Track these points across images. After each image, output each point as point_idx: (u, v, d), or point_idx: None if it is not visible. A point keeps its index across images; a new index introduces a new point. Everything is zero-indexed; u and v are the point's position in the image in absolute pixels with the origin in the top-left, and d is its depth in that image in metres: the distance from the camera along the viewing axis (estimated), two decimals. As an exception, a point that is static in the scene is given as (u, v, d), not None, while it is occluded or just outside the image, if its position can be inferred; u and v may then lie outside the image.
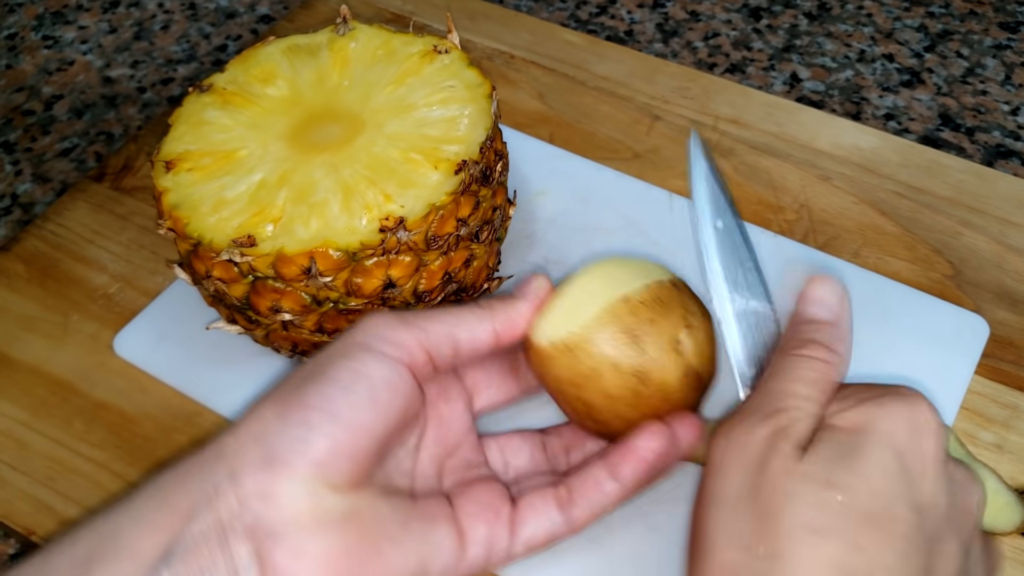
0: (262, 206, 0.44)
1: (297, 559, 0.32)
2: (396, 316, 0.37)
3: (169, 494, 0.33)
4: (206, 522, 0.32)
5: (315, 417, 0.34)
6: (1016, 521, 0.44)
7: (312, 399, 0.34)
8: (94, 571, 0.31)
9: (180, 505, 0.32)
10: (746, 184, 0.59)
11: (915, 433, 0.33)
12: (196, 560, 0.31)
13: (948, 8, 0.80)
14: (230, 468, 0.33)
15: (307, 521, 0.32)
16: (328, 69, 0.50)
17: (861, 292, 0.53)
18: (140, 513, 0.33)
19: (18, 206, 0.68)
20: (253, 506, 0.32)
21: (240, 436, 0.34)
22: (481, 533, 0.37)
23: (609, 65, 0.67)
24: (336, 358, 0.36)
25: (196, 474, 0.33)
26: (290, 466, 0.33)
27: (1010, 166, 0.67)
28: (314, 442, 0.33)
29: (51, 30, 0.82)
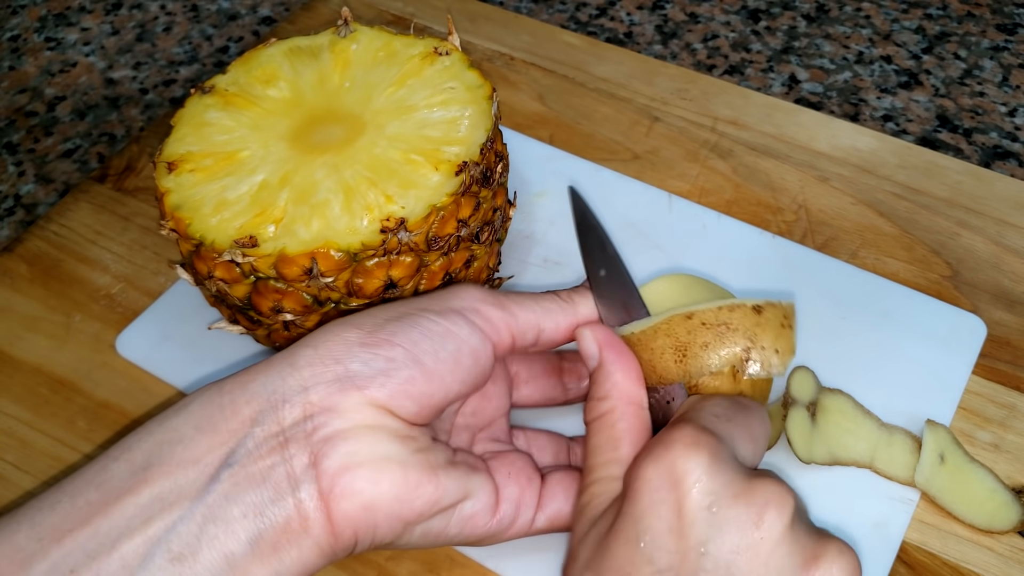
0: (264, 207, 0.44)
1: (350, 460, 0.32)
2: (491, 294, 0.38)
3: (232, 399, 0.33)
4: (269, 429, 0.32)
5: (401, 355, 0.34)
6: (1013, 520, 0.44)
7: (401, 339, 0.35)
8: (154, 477, 0.32)
9: (244, 411, 0.33)
10: (745, 185, 0.60)
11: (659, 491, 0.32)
12: (256, 466, 0.32)
13: (946, 10, 0.81)
14: (302, 380, 0.33)
15: (364, 431, 0.33)
16: (329, 71, 0.50)
17: (859, 292, 0.53)
18: (201, 419, 0.33)
19: (21, 207, 0.68)
20: (317, 417, 0.33)
21: (319, 351, 0.34)
22: (513, 493, 0.38)
23: (609, 67, 0.68)
24: (430, 313, 0.36)
25: (264, 380, 0.34)
26: (364, 390, 0.33)
27: (1007, 167, 0.67)
28: (395, 376, 0.34)
29: (54, 32, 0.83)
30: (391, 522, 0.34)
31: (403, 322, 0.35)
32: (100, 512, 0.31)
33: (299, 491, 0.32)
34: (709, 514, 0.31)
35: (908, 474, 0.45)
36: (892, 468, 0.45)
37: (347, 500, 0.32)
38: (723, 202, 0.59)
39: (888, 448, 0.46)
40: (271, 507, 0.32)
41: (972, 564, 0.44)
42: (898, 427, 0.46)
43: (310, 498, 0.32)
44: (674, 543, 0.31)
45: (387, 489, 0.33)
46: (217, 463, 0.32)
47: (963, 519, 0.45)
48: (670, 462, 0.32)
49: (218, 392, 0.34)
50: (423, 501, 0.34)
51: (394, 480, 0.33)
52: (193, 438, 0.32)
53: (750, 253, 0.55)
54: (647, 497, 0.32)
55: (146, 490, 0.31)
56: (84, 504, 0.32)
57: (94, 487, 0.32)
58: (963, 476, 0.45)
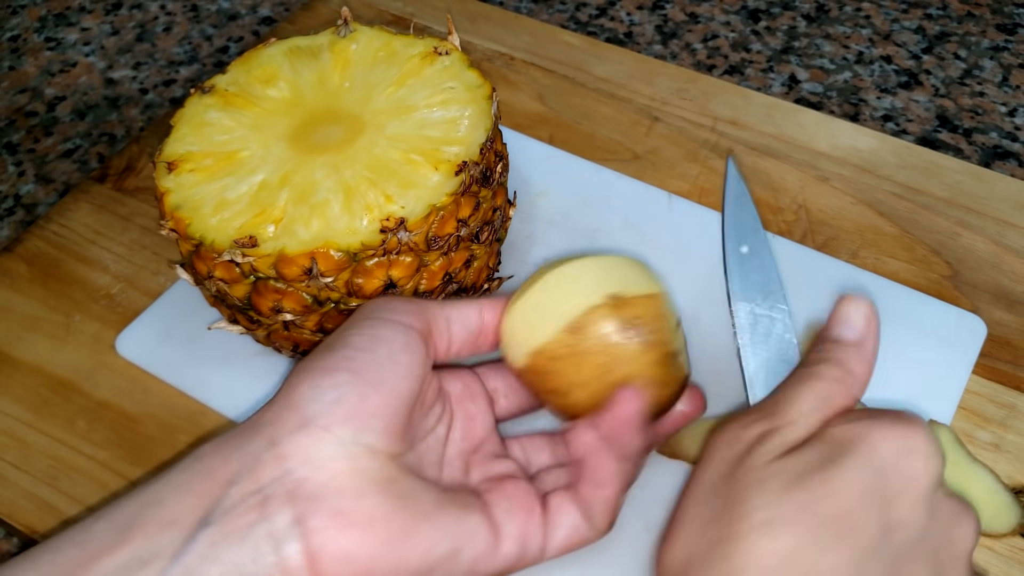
0: (263, 207, 0.44)
1: (337, 521, 0.32)
2: (395, 296, 0.40)
3: (209, 463, 0.34)
4: (246, 488, 0.33)
5: (343, 378, 0.35)
6: (1013, 522, 0.44)
7: (338, 362, 0.35)
8: (134, 536, 0.32)
9: (219, 473, 0.33)
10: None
11: (903, 454, 0.33)
12: (235, 524, 0.32)
13: (946, 10, 0.81)
14: (269, 436, 0.34)
15: (346, 483, 0.33)
16: (329, 70, 0.50)
17: (859, 292, 0.53)
18: (179, 483, 0.34)
19: (21, 207, 0.68)
20: (294, 471, 0.33)
21: (276, 407, 0.35)
22: (515, 528, 0.37)
23: (609, 67, 0.68)
24: (349, 329, 0.37)
25: (236, 444, 0.34)
26: (326, 428, 0.33)
27: (1007, 167, 0.67)
28: (347, 401, 0.34)
29: (54, 32, 0.83)
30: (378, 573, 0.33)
31: (334, 349, 0.36)
32: (78, 570, 0.32)
33: (282, 550, 0.32)
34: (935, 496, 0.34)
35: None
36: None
37: (339, 564, 0.32)
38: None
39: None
40: (251, 567, 0.31)
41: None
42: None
43: (294, 557, 0.32)
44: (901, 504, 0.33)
45: (377, 549, 0.33)
46: (194, 524, 0.32)
47: (963, 519, 0.45)
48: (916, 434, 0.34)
49: (195, 458, 0.35)
50: (413, 556, 0.34)
51: (384, 537, 0.33)
52: (172, 500, 0.33)
53: (750, 253, 0.55)
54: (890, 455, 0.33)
55: (124, 550, 0.32)
56: (63, 561, 0.32)
57: (75, 545, 0.32)
58: (964, 476, 0.45)
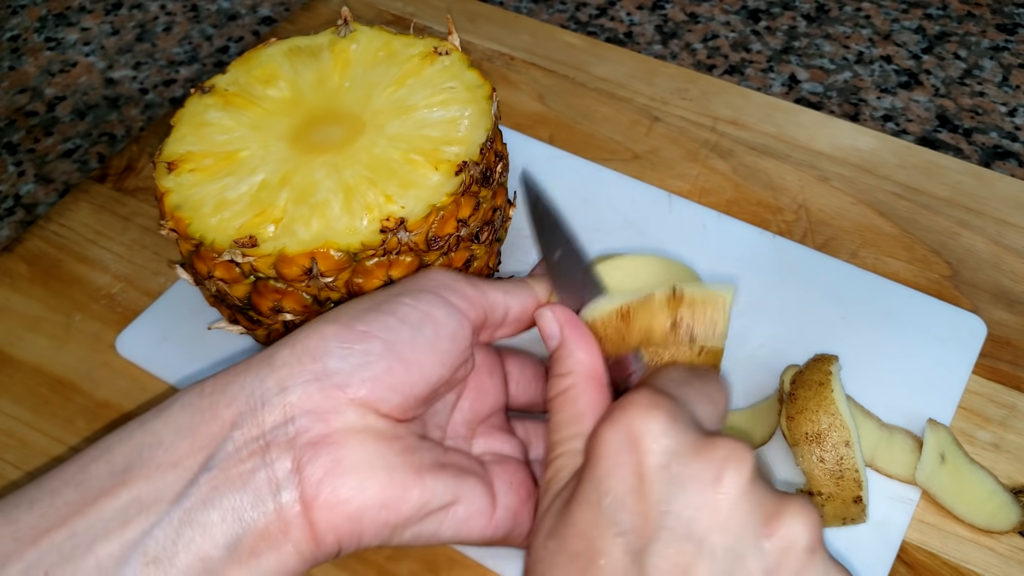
0: (264, 207, 0.44)
1: (335, 467, 0.32)
2: (463, 274, 0.38)
3: (212, 402, 0.33)
4: (249, 432, 0.32)
5: (377, 347, 0.34)
6: (1013, 521, 0.44)
7: (377, 329, 0.34)
8: (132, 479, 0.31)
9: (223, 415, 0.32)
10: (745, 185, 0.60)
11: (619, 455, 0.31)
12: (236, 469, 0.32)
13: (946, 10, 0.81)
14: (281, 381, 0.33)
15: (349, 435, 0.33)
16: (329, 70, 0.50)
17: (859, 292, 0.53)
18: (181, 423, 0.33)
19: (21, 207, 0.68)
20: (298, 420, 0.32)
21: (296, 349, 0.34)
22: (511, 503, 0.37)
23: (609, 67, 0.68)
24: (404, 297, 0.36)
25: (242, 382, 0.33)
26: (344, 388, 0.33)
27: (1007, 167, 0.67)
28: (372, 371, 0.33)
29: (54, 32, 0.83)
30: (377, 528, 0.33)
31: (380, 311, 0.35)
32: (77, 512, 0.31)
33: (280, 496, 0.32)
34: (668, 473, 0.31)
35: (909, 472, 0.45)
36: (893, 467, 0.45)
37: (331, 509, 0.32)
38: (723, 202, 0.59)
39: (889, 447, 0.46)
40: (250, 511, 0.31)
41: (972, 564, 0.44)
42: (899, 427, 0.47)
43: (292, 504, 0.32)
44: (635, 503, 0.30)
45: (373, 496, 0.33)
46: (196, 467, 0.32)
47: (963, 519, 0.45)
48: (627, 423, 0.31)
49: (198, 395, 0.34)
50: (410, 505, 0.34)
51: (380, 486, 0.33)
52: (173, 442, 0.32)
53: (750, 253, 0.55)
54: (607, 460, 0.31)
55: (124, 492, 0.31)
56: (62, 504, 0.31)
57: (72, 486, 0.32)
58: (963, 476, 0.45)
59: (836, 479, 0.42)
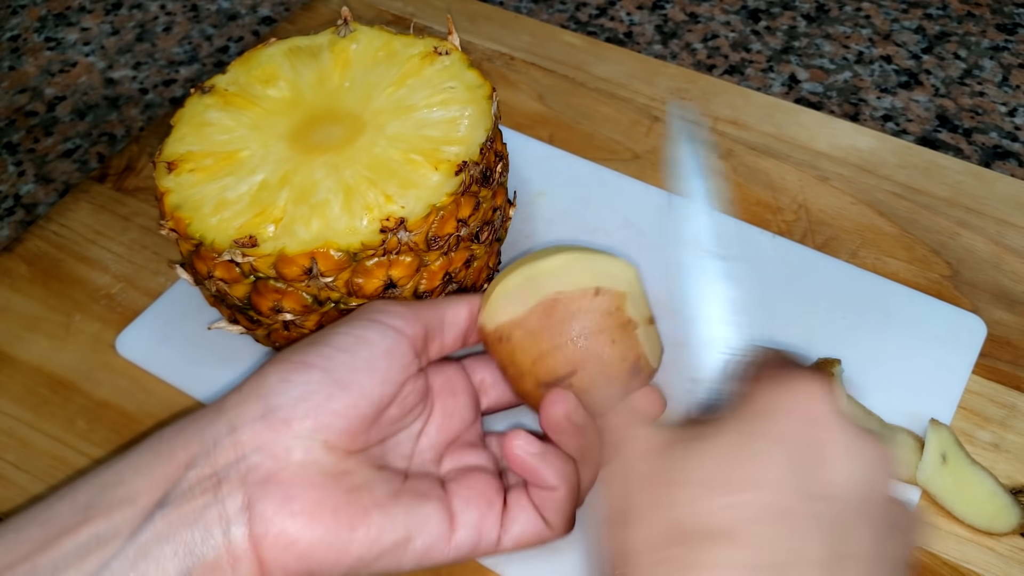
0: (263, 207, 0.44)
1: (284, 508, 0.33)
2: (395, 300, 0.40)
3: (169, 445, 0.35)
4: (202, 471, 0.33)
5: (316, 376, 0.35)
6: (1013, 523, 0.44)
7: (314, 359, 0.36)
8: (94, 517, 0.33)
9: (179, 456, 0.34)
10: (745, 185, 0.60)
11: (809, 424, 0.32)
12: (189, 506, 0.33)
13: (946, 10, 0.81)
14: (230, 422, 0.34)
15: (298, 473, 0.34)
16: (329, 70, 0.50)
17: (859, 292, 0.53)
18: (140, 463, 0.34)
19: (21, 207, 0.69)
20: (248, 457, 0.34)
21: (243, 392, 0.35)
22: (471, 518, 0.38)
23: (609, 67, 0.68)
24: (339, 327, 0.38)
25: (197, 427, 0.35)
26: (288, 421, 0.34)
27: (1007, 167, 0.67)
28: (313, 400, 0.35)
29: (54, 32, 0.83)
30: (327, 567, 0.34)
31: (316, 343, 0.37)
32: (40, 549, 0.32)
33: (230, 532, 0.33)
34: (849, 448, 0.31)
35: (909, 473, 0.45)
36: (892, 468, 0.45)
37: (280, 549, 0.33)
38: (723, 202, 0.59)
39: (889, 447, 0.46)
40: (201, 546, 0.33)
41: (972, 564, 0.44)
42: (899, 427, 0.47)
43: (241, 540, 0.33)
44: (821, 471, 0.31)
45: (320, 536, 0.34)
46: (151, 504, 0.33)
47: (963, 519, 0.45)
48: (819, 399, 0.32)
49: (158, 439, 0.35)
50: (358, 544, 0.34)
51: (326, 527, 0.34)
52: (132, 480, 0.34)
53: (750, 253, 0.55)
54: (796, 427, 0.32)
55: (84, 529, 0.33)
56: (26, 540, 0.33)
57: (37, 524, 0.33)
58: (964, 477, 0.45)
59: None
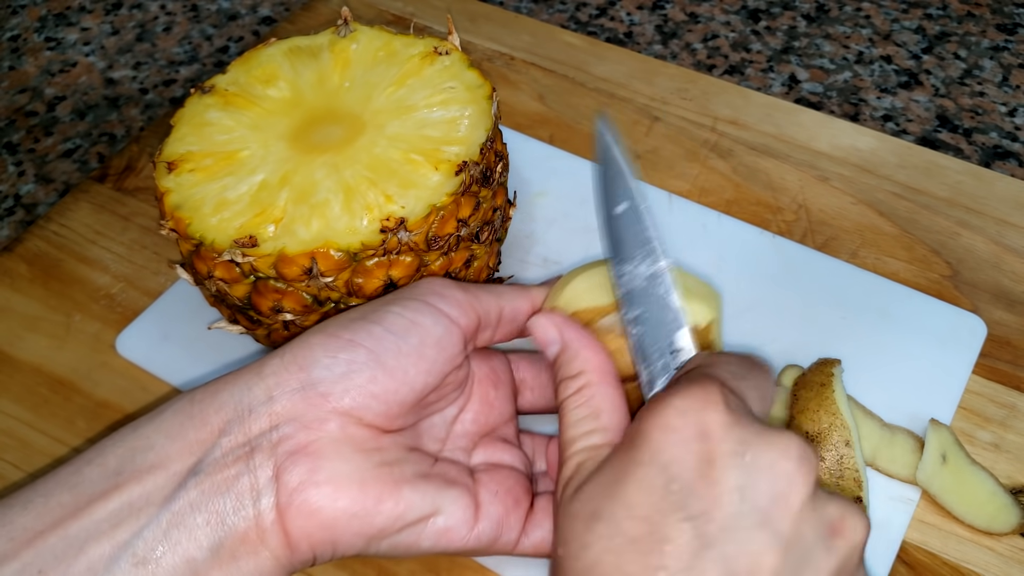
0: (264, 207, 0.44)
1: (310, 478, 0.33)
2: (454, 281, 0.38)
3: (202, 409, 0.34)
4: (236, 439, 0.33)
5: (362, 356, 0.34)
6: (1013, 523, 0.44)
7: (362, 338, 0.35)
8: (125, 483, 0.32)
9: (212, 421, 0.33)
10: (745, 185, 0.60)
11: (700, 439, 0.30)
12: (222, 474, 0.32)
13: (946, 10, 0.81)
14: (267, 389, 0.34)
15: (328, 445, 0.33)
16: (329, 70, 0.50)
17: (859, 292, 0.53)
18: (172, 428, 0.34)
19: (21, 207, 0.69)
20: (282, 427, 0.33)
21: (284, 359, 0.35)
22: (496, 512, 0.37)
23: (609, 66, 0.68)
24: (393, 305, 0.36)
25: (232, 391, 0.34)
26: (327, 397, 0.34)
27: (1007, 167, 0.67)
28: (355, 379, 0.34)
29: (54, 32, 0.83)
30: (351, 538, 0.34)
31: (367, 320, 0.36)
32: (71, 515, 0.32)
33: (259, 502, 0.33)
34: (742, 461, 0.30)
35: (909, 472, 0.45)
36: (893, 466, 0.45)
37: (304, 518, 0.33)
38: (723, 202, 0.59)
39: (890, 447, 0.46)
40: (232, 516, 0.32)
41: (972, 564, 0.44)
42: (900, 427, 0.47)
43: (268, 511, 0.33)
44: (706, 489, 0.30)
45: (344, 507, 0.33)
46: (184, 471, 0.33)
47: (963, 519, 0.45)
48: (697, 413, 0.31)
49: (189, 402, 0.34)
50: (384, 517, 0.34)
51: (352, 498, 0.33)
52: (163, 446, 0.33)
53: (750, 253, 0.55)
54: (674, 447, 0.30)
55: (116, 496, 0.32)
56: (56, 506, 0.32)
57: (67, 489, 0.33)
58: (964, 477, 0.45)
59: (836, 479, 0.42)
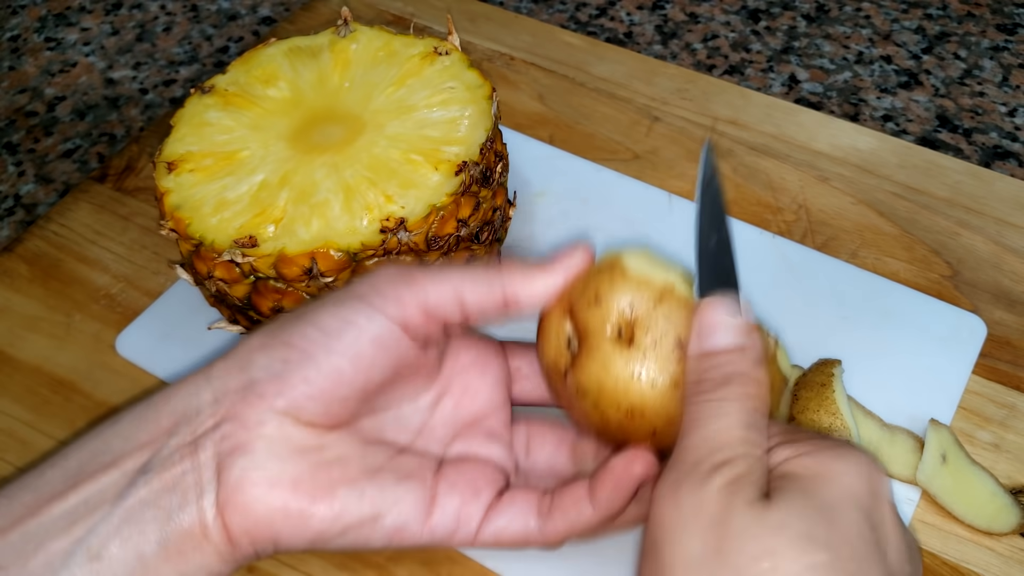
0: (263, 207, 0.44)
1: (245, 476, 0.34)
2: (401, 273, 0.37)
3: (156, 412, 0.35)
4: (183, 439, 0.34)
5: (294, 356, 0.35)
6: (1013, 524, 0.44)
7: (295, 338, 0.35)
8: (82, 482, 0.34)
9: (163, 422, 0.35)
10: (745, 185, 0.60)
11: (874, 496, 0.31)
12: (169, 472, 0.34)
13: (946, 10, 0.81)
14: (213, 391, 0.35)
15: (264, 445, 0.34)
16: (329, 70, 0.50)
17: (859, 292, 0.53)
18: (127, 429, 0.35)
19: (21, 207, 0.69)
20: (224, 426, 0.34)
21: (227, 361, 0.36)
22: (452, 505, 0.37)
23: (608, 67, 0.68)
24: (329, 304, 0.36)
25: (183, 394, 0.35)
26: (263, 397, 0.34)
27: (1007, 167, 0.67)
28: (288, 379, 0.35)
29: (54, 32, 0.83)
30: (289, 536, 0.35)
31: (302, 320, 0.36)
32: (31, 513, 0.33)
33: (202, 500, 0.34)
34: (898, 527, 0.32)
35: (910, 472, 0.45)
36: (894, 466, 0.45)
37: (240, 515, 0.34)
38: (723, 202, 0.59)
39: (890, 447, 0.46)
40: (178, 512, 0.34)
41: (972, 564, 0.44)
42: (900, 427, 0.47)
43: (210, 507, 0.34)
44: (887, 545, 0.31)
45: (278, 506, 0.34)
46: (135, 470, 0.34)
47: (963, 519, 0.45)
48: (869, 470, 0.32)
49: (145, 405, 0.36)
50: (319, 519, 0.35)
51: (285, 498, 0.34)
52: (118, 447, 0.35)
53: (750, 253, 0.55)
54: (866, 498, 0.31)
55: (73, 494, 0.34)
56: (19, 505, 0.34)
57: (30, 491, 0.34)
58: (964, 477, 0.45)
59: None
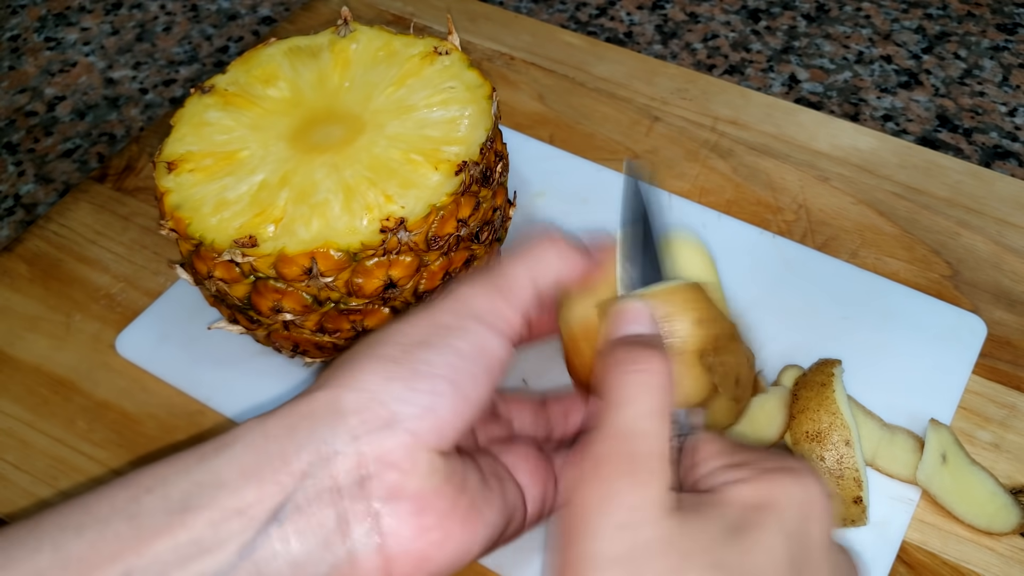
0: (263, 207, 0.44)
1: (414, 523, 0.32)
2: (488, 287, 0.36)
3: (280, 447, 0.32)
4: (322, 483, 0.31)
5: (442, 386, 0.33)
6: (1013, 523, 0.44)
7: (439, 368, 0.33)
8: (193, 520, 0.30)
9: (292, 462, 0.31)
10: (745, 185, 0.60)
11: (804, 519, 0.31)
12: (307, 520, 0.31)
13: (946, 10, 0.81)
14: (351, 428, 0.32)
15: (424, 484, 0.32)
16: (329, 70, 0.50)
17: (859, 292, 0.53)
18: (246, 465, 0.31)
19: (21, 207, 0.69)
20: (371, 469, 0.31)
21: (361, 396, 0.32)
22: (537, 492, 0.38)
23: (609, 66, 0.68)
24: (455, 329, 0.35)
25: (310, 427, 0.32)
26: (414, 434, 0.32)
27: (1007, 167, 0.67)
28: (439, 411, 0.33)
29: (53, 32, 0.83)
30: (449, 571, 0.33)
31: (436, 347, 0.34)
32: (131, 549, 0.30)
33: (356, 550, 0.31)
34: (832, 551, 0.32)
35: (910, 472, 0.45)
36: (894, 466, 0.45)
37: (412, 566, 0.32)
38: (723, 202, 0.59)
39: (890, 447, 0.46)
40: (322, 566, 0.30)
41: (972, 564, 0.44)
42: (900, 427, 0.47)
43: (370, 558, 0.31)
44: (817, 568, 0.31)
45: (452, 549, 0.33)
46: (265, 516, 0.30)
47: (963, 519, 0.45)
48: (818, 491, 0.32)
49: (263, 436, 0.32)
50: (479, 546, 0.34)
51: (457, 541, 0.33)
52: (238, 484, 0.31)
53: (750, 253, 0.55)
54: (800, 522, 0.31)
55: (183, 533, 0.30)
56: (113, 536, 0.30)
57: (125, 519, 0.30)
58: (964, 477, 0.45)
59: (836, 478, 0.42)
